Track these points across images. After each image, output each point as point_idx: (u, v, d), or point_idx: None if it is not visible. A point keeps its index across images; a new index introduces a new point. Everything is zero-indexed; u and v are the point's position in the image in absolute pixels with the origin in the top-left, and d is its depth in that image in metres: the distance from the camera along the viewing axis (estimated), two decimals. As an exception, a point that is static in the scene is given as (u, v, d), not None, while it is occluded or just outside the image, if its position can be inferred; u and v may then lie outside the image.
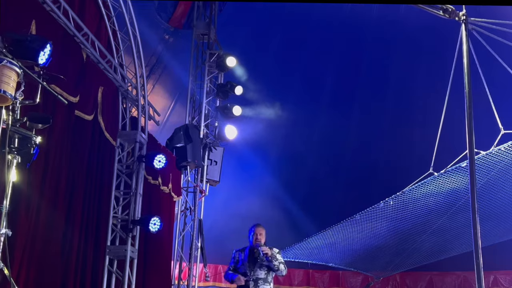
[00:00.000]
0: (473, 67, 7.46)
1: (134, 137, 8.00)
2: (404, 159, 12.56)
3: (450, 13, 6.17)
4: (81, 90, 6.77)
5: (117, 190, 7.91)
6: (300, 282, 14.15)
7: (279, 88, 12.31)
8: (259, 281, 6.83)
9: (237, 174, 12.00)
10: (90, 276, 7.31)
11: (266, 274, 6.91)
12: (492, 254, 12.11)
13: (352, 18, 11.58)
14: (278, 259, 6.95)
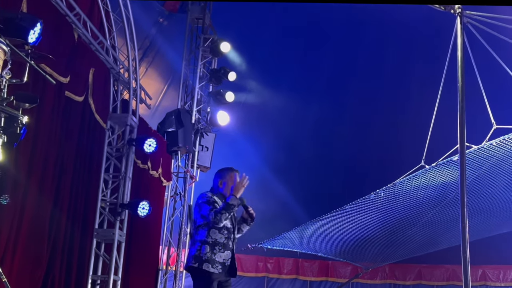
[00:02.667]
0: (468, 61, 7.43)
1: (124, 120, 7.94)
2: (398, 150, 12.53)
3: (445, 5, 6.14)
4: (71, 71, 6.70)
5: (106, 173, 7.86)
6: (290, 271, 14.19)
7: (273, 75, 12.25)
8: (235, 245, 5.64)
9: (228, 160, 11.93)
10: (76, 259, 7.28)
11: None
12: (481, 248, 12.14)
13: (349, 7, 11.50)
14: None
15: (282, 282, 14.14)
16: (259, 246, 10.91)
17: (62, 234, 6.88)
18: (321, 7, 11.35)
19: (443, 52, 7.51)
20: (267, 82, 11.92)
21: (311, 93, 12.82)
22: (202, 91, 10.02)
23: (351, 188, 12.37)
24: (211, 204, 5.40)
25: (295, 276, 14.20)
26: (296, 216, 12.38)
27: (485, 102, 7.52)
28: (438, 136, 8.34)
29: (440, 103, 8.10)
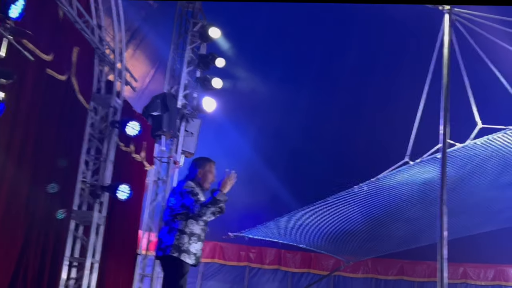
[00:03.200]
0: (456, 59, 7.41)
1: (108, 102, 7.85)
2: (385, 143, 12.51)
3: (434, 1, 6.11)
4: (55, 49, 6.59)
5: (87, 155, 7.77)
6: (271, 261, 14.19)
7: (262, 62, 12.17)
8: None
9: (214, 147, 11.88)
10: (53, 240, 7.17)
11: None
12: (463, 246, 12.20)
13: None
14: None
15: (264, 272, 14.14)
16: (240, 235, 10.88)
17: (39, 215, 6.78)
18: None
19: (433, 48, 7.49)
20: (256, 69, 11.85)
21: (300, 83, 12.78)
22: (190, 76, 9.92)
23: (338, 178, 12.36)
24: (195, 195, 5.42)
25: (277, 267, 14.21)
26: (284, 204, 12.34)
27: (471, 100, 7.51)
28: (424, 133, 8.32)
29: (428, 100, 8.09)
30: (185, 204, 5.40)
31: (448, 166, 8.07)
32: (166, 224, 5.52)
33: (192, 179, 5.61)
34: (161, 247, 5.43)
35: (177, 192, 5.53)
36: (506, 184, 9.21)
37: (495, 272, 14.26)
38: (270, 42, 12.15)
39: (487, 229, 11.50)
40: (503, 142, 7.81)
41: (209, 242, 13.37)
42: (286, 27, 12.01)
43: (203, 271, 13.46)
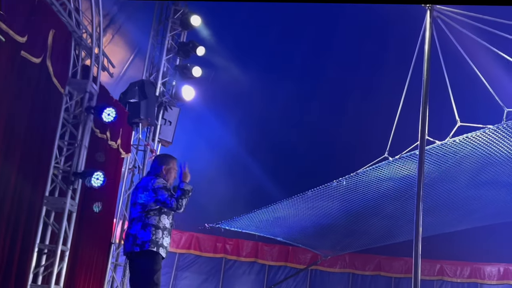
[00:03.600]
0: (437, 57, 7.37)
1: (84, 87, 7.68)
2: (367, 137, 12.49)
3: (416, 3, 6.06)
4: (29, 31, 6.42)
5: (61, 140, 7.60)
6: (248, 253, 14.12)
7: (244, 53, 12.06)
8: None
9: (192, 136, 11.79)
10: (23, 226, 7.02)
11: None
12: (440, 244, 12.26)
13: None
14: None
15: (240, 265, 14.07)
16: (217, 226, 10.80)
17: (9, 200, 6.63)
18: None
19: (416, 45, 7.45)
20: (237, 59, 11.72)
21: (282, 74, 12.68)
22: (169, 63, 9.79)
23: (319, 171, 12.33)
24: (168, 191, 5.66)
25: (254, 259, 14.14)
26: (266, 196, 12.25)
27: (451, 98, 7.49)
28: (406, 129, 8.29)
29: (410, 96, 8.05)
30: (160, 200, 5.60)
31: (426, 163, 8.06)
32: (138, 220, 5.64)
33: (158, 175, 5.80)
34: (137, 243, 5.56)
35: (149, 189, 5.67)
36: (484, 182, 9.23)
37: (471, 269, 14.36)
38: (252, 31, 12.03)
39: (464, 226, 11.55)
40: (482, 141, 7.81)
41: (185, 232, 13.27)
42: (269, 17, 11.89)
43: (178, 262, 13.34)
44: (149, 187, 5.69)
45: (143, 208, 5.68)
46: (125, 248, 5.74)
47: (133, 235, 5.61)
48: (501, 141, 7.84)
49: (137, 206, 5.73)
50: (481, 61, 7.75)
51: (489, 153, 8.18)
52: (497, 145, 7.94)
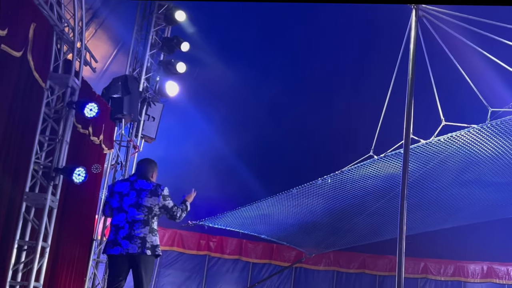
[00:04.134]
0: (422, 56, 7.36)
1: (66, 81, 7.56)
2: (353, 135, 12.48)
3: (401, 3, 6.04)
4: (10, 24, 6.30)
5: (41, 135, 7.49)
6: (232, 251, 14.06)
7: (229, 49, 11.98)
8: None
9: (177, 132, 11.69)
10: (3, 222, 6.92)
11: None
12: (424, 242, 12.30)
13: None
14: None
15: (224, 262, 14.01)
16: (200, 223, 10.72)
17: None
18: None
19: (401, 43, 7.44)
20: (223, 55, 11.65)
21: (267, 71, 12.62)
22: (153, 59, 9.70)
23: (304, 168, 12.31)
24: (172, 200, 6.06)
25: (238, 257, 14.09)
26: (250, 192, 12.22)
27: (436, 97, 7.48)
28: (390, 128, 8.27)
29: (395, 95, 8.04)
30: (167, 206, 5.97)
31: (411, 162, 8.06)
32: (144, 223, 5.87)
33: (147, 179, 6.08)
34: (148, 247, 5.83)
35: (158, 194, 5.96)
36: (468, 182, 9.25)
37: (455, 268, 14.44)
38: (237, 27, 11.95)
39: (448, 225, 11.59)
40: (466, 140, 7.81)
41: (168, 229, 13.17)
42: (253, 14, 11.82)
43: (161, 259, 13.24)
44: (158, 192, 5.96)
45: (149, 211, 5.90)
46: (129, 249, 5.82)
47: (141, 238, 5.81)
48: (485, 141, 7.85)
49: (142, 208, 5.90)
50: (467, 61, 7.75)
51: (473, 152, 8.19)
52: (482, 144, 7.95)
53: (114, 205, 6.04)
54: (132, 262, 5.88)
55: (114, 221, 6.02)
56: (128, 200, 5.97)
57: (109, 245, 5.98)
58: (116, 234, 5.92)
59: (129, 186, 6.06)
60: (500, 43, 7.30)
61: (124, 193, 6.04)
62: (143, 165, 6.25)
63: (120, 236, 5.86)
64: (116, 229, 5.94)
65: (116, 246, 5.87)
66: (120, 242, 5.86)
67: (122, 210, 5.96)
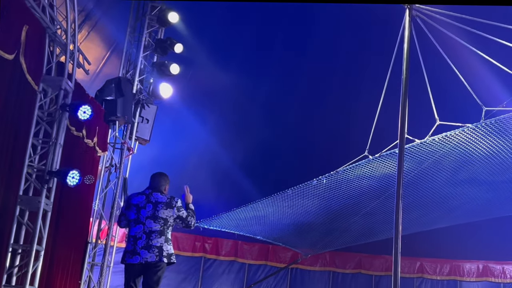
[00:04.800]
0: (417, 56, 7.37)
1: (59, 84, 7.50)
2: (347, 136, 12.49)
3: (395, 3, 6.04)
4: (2, 26, 6.26)
5: (35, 138, 7.43)
6: (228, 252, 14.03)
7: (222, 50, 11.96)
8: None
9: (171, 134, 11.67)
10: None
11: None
12: (420, 241, 12.30)
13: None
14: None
15: (220, 264, 13.97)
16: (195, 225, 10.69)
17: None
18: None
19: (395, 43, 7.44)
20: (216, 57, 11.63)
21: (261, 72, 12.61)
22: (146, 61, 9.67)
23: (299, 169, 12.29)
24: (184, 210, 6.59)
25: (234, 258, 14.05)
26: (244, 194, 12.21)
27: (430, 97, 7.49)
28: (385, 128, 8.28)
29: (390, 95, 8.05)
30: (182, 217, 6.52)
31: (406, 161, 8.07)
32: (160, 233, 6.38)
33: (161, 192, 6.58)
34: (164, 255, 6.35)
35: (173, 206, 6.49)
36: (463, 181, 9.27)
37: (450, 267, 14.45)
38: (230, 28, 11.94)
39: (443, 224, 11.61)
40: (460, 139, 7.83)
41: (163, 231, 13.12)
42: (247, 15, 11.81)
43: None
44: (173, 204, 6.50)
45: (165, 222, 6.43)
46: (148, 258, 6.31)
47: (158, 247, 6.33)
48: (479, 140, 7.87)
49: (158, 220, 6.41)
50: (460, 60, 7.76)
51: (468, 151, 8.21)
52: (476, 143, 7.97)
53: (131, 217, 6.51)
54: (147, 269, 6.37)
55: (132, 232, 6.48)
56: (145, 213, 6.46)
57: (128, 254, 6.42)
58: (134, 244, 6.38)
59: (145, 199, 6.53)
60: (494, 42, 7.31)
61: (140, 205, 6.50)
62: (156, 179, 6.70)
63: (139, 246, 6.34)
64: (135, 240, 6.40)
65: (135, 256, 6.34)
66: (139, 252, 6.33)
67: (140, 221, 6.44)
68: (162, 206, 6.46)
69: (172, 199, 6.53)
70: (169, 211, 6.46)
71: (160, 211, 6.43)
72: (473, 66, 8.78)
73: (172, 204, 6.50)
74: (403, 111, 6.57)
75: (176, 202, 6.52)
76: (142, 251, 6.32)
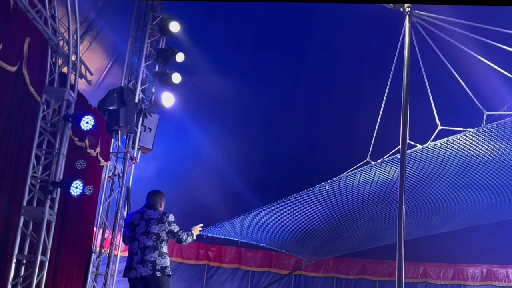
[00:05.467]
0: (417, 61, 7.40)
1: (61, 95, 7.55)
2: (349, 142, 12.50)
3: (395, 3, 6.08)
4: (5, 39, 6.31)
5: (38, 149, 7.47)
6: (231, 260, 14.02)
7: (223, 59, 12.00)
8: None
9: (173, 143, 11.70)
10: (1, 237, 6.90)
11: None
12: (423, 246, 12.30)
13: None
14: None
15: (223, 271, 13.96)
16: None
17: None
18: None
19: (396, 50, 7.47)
20: (217, 66, 11.66)
21: (262, 80, 12.64)
22: (148, 70, 9.71)
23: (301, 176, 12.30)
24: (178, 224, 6.89)
25: (237, 266, 14.04)
26: (245, 202, 12.22)
27: (431, 102, 7.51)
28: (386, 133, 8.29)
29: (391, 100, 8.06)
30: (173, 231, 6.81)
31: (408, 166, 8.06)
32: (153, 248, 6.71)
33: (156, 209, 6.92)
34: (158, 269, 6.65)
35: (164, 221, 6.80)
36: (465, 185, 9.26)
37: (454, 271, 14.42)
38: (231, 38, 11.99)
39: (446, 229, 11.58)
40: (462, 144, 7.83)
41: (166, 240, 13.13)
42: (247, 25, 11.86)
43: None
44: (163, 219, 6.81)
45: (157, 237, 6.75)
46: (142, 272, 6.67)
47: (152, 262, 6.65)
48: (481, 144, 7.87)
49: (151, 235, 6.75)
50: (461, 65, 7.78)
51: (470, 156, 8.20)
52: (478, 148, 7.97)
53: (128, 234, 6.93)
54: (146, 283, 6.70)
55: (130, 248, 6.90)
56: (138, 229, 6.82)
57: (126, 269, 6.85)
58: (131, 260, 6.78)
59: (139, 217, 6.90)
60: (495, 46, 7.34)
61: (135, 223, 6.88)
62: (151, 197, 7.06)
63: (135, 261, 6.72)
64: (131, 256, 6.80)
65: (132, 270, 6.72)
66: (135, 267, 6.71)
67: (135, 238, 6.81)
68: (153, 222, 6.80)
69: (163, 215, 6.85)
70: (160, 226, 6.77)
71: (152, 227, 6.77)
72: (474, 71, 8.80)
73: (163, 219, 6.81)
74: (404, 117, 6.59)
75: (167, 217, 6.82)
76: (138, 266, 6.69)
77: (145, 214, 6.90)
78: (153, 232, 6.74)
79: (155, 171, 11.45)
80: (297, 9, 11.78)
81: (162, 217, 6.83)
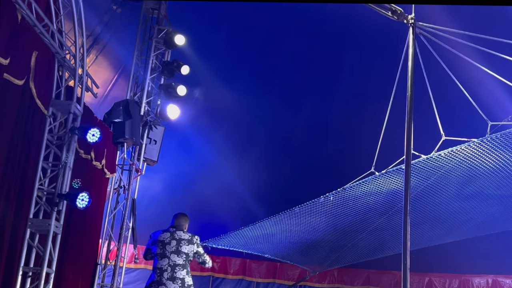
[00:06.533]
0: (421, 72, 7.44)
1: (68, 108, 7.61)
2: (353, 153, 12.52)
3: (398, 15, 6.13)
4: (12, 53, 6.36)
5: (45, 161, 7.51)
6: (236, 271, 14.00)
7: (228, 72, 12.07)
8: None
9: (179, 155, 11.75)
10: (7, 249, 6.93)
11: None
12: (428, 256, 12.27)
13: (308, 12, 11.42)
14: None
15: (228, 282, 13.95)
16: (203, 244, 10.72)
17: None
18: (280, 8, 11.22)
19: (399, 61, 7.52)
20: (222, 79, 11.73)
21: (266, 92, 12.69)
22: (153, 83, 9.78)
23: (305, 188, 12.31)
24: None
25: (242, 277, 14.02)
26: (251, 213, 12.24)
27: (435, 113, 7.55)
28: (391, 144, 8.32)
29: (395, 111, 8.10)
30: (200, 253, 7.51)
31: (413, 177, 8.11)
32: (183, 267, 7.33)
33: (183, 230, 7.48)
34: (186, 286, 7.29)
35: (194, 243, 7.45)
36: (470, 195, 9.28)
37: (459, 281, 14.36)
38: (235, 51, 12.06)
39: (451, 239, 11.58)
40: (466, 154, 7.86)
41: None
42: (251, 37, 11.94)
43: (166, 281, 13.19)
44: (193, 241, 7.45)
45: (186, 257, 7.36)
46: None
47: (181, 279, 7.24)
48: (485, 154, 7.90)
49: (181, 254, 7.33)
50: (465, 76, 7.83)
51: (474, 166, 8.23)
52: (482, 158, 8.00)
53: (156, 251, 7.36)
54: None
55: (158, 265, 7.31)
56: (169, 248, 7.31)
57: (154, 285, 7.24)
58: (160, 276, 7.21)
59: (170, 236, 7.39)
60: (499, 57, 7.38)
61: (166, 242, 7.35)
62: (178, 219, 7.55)
63: (164, 277, 7.17)
64: (161, 272, 7.23)
65: (161, 286, 7.15)
66: (165, 283, 7.17)
67: (165, 256, 7.29)
68: (185, 242, 7.36)
69: (193, 236, 7.46)
70: (190, 247, 7.37)
71: (183, 247, 7.33)
72: (477, 81, 8.84)
73: (193, 241, 7.43)
74: (408, 127, 6.62)
75: (196, 240, 7.47)
76: (168, 282, 7.16)
77: (175, 234, 7.41)
78: (184, 252, 7.30)
79: (160, 183, 11.49)
80: (301, 20, 11.85)
81: (192, 239, 7.43)
